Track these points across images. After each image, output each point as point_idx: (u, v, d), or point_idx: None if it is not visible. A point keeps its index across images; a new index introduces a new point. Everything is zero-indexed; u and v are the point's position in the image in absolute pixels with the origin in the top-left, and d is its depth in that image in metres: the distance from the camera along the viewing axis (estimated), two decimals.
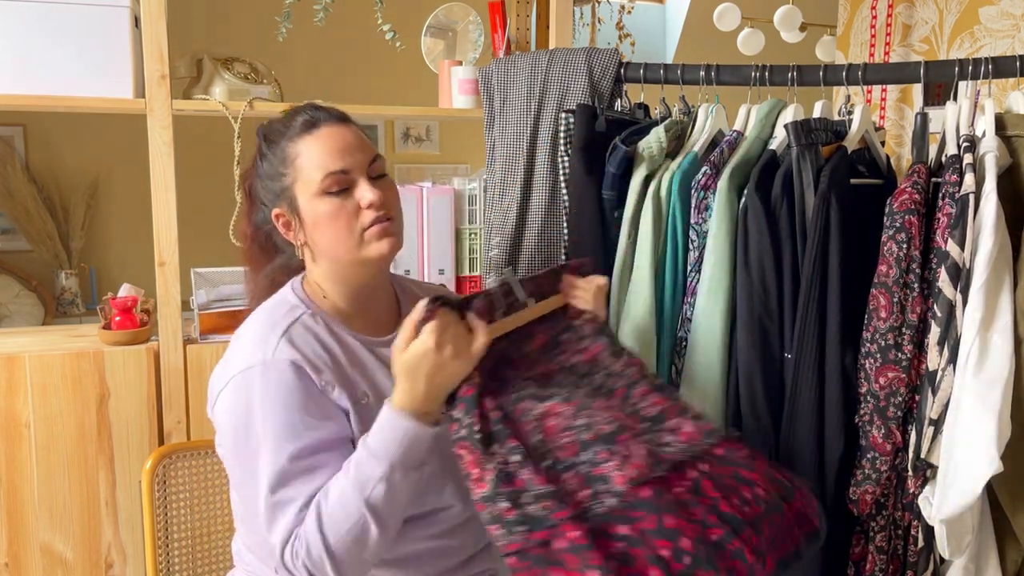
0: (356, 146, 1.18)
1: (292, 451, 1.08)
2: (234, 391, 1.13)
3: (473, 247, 1.97)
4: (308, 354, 1.14)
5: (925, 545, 1.38)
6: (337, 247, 1.18)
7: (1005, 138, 1.37)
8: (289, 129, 1.19)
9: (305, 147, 1.17)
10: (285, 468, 1.08)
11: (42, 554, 1.74)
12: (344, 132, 1.19)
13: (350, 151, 1.17)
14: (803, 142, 1.43)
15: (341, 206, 1.16)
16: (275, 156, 1.20)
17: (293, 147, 1.17)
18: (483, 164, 1.80)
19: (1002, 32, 2.10)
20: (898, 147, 2.39)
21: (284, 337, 1.14)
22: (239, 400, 1.12)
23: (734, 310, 1.45)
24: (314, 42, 3.06)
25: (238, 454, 1.13)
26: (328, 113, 1.20)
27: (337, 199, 1.16)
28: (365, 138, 1.22)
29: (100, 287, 2.98)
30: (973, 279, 1.26)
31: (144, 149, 1.74)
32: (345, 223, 1.16)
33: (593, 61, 1.67)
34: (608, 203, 1.56)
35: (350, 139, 1.18)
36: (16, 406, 1.69)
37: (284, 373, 1.11)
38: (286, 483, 1.08)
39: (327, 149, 1.16)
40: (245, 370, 1.12)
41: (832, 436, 1.39)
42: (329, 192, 1.16)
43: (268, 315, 1.20)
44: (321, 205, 1.16)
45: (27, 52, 1.69)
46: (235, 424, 1.12)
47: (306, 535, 1.05)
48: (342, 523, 1.04)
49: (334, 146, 1.16)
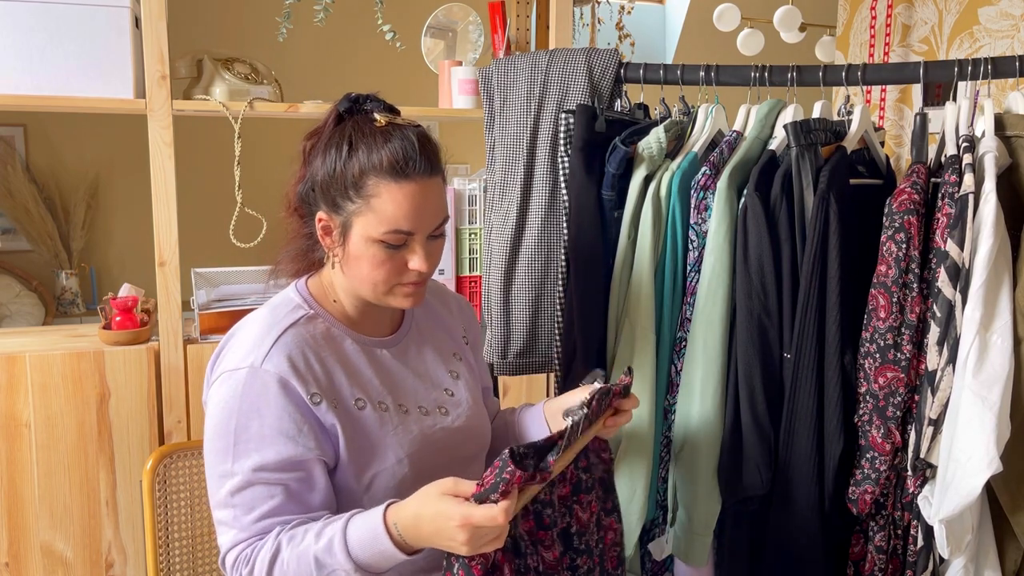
0: (431, 209, 1.14)
1: (258, 462, 1.10)
2: (219, 387, 1.14)
3: (473, 247, 1.97)
4: (299, 364, 1.13)
5: (924, 545, 1.39)
6: (364, 286, 1.17)
7: (1004, 138, 1.38)
8: (378, 156, 1.11)
9: (386, 191, 1.11)
10: (248, 477, 1.10)
11: (42, 554, 1.74)
12: (427, 192, 1.13)
13: (423, 214, 1.13)
14: (802, 142, 1.44)
15: (390, 258, 1.14)
16: (351, 171, 1.12)
17: (374, 183, 1.11)
18: (483, 164, 1.80)
19: (1001, 32, 2.10)
20: (897, 147, 2.40)
21: (278, 343, 1.14)
22: (222, 397, 1.13)
23: (733, 310, 1.45)
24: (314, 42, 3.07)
25: (211, 448, 1.14)
26: (424, 160, 1.13)
27: (389, 250, 1.14)
28: (443, 195, 1.18)
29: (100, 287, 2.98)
30: (972, 279, 1.26)
31: (144, 149, 1.74)
32: (385, 276, 1.15)
33: (593, 61, 1.68)
34: (608, 203, 1.56)
35: (431, 201, 1.14)
36: (16, 406, 1.69)
37: (268, 385, 1.11)
38: (244, 491, 1.11)
39: (405, 207, 1.11)
40: (234, 370, 1.13)
41: (831, 436, 1.39)
42: (385, 243, 1.13)
43: (270, 314, 1.20)
44: (372, 249, 1.14)
45: (27, 52, 1.69)
46: (215, 418, 1.14)
47: (255, 563, 1.08)
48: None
49: (412, 206, 1.12)
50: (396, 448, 1.17)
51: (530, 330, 1.70)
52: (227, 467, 1.11)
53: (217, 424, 1.13)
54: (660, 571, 1.61)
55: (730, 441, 1.43)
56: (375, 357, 1.23)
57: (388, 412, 1.19)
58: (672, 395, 1.53)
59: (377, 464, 1.16)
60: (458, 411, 1.27)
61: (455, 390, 1.30)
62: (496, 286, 1.72)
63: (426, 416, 1.23)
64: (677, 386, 1.51)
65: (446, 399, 1.27)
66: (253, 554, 1.10)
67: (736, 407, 1.43)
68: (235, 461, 1.11)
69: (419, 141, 1.13)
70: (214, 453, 1.13)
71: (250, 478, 1.10)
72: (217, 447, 1.13)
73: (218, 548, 1.16)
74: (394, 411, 1.20)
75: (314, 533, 1.07)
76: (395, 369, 1.24)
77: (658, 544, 1.55)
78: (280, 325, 1.16)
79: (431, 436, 1.22)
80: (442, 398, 1.27)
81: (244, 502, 1.11)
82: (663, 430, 1.54)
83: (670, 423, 1.53)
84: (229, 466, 1.11)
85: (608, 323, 1.56)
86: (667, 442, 1.54)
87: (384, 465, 1.17)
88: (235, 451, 1.11)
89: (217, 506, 1.14)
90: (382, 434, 1.17)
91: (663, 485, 1.56)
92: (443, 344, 1.34)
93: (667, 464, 1.55)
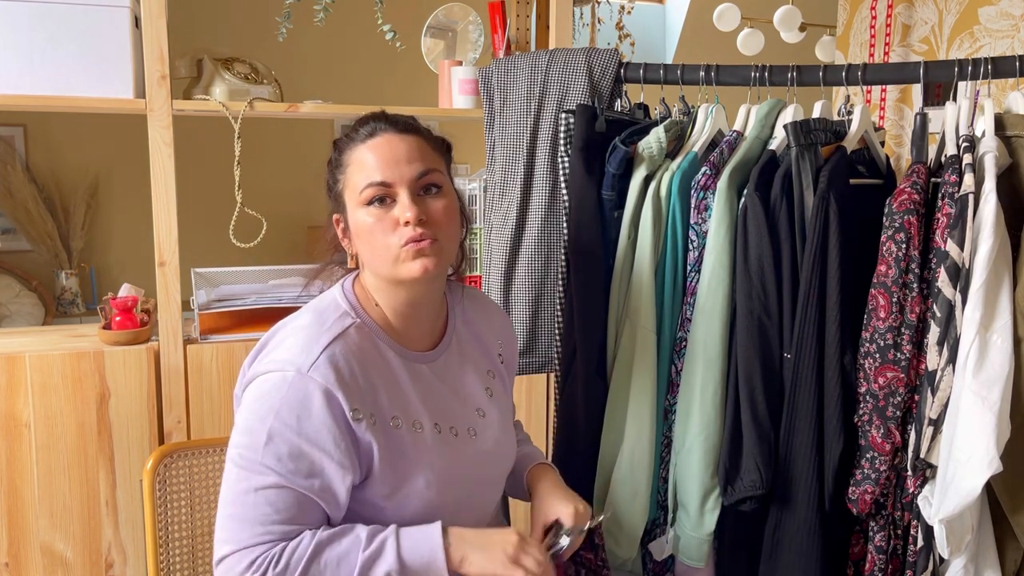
0: (406, 157, 1.15)
1: (290, 466, 1.08)
2: (262, 383, 1.11)
3: (473, 247, 1.97)
4: (346, 376, 1.11)
5: (924, 544, 1.39)
6: (374, 261, 1.16)
7: (1004, 138, 1.38)
8: (353, 138, 1.18)
9: (358, 155, 1.16)
10: (276, 479, 1.08)
11: (42, 554, 1.74)
12: (397, 142, 1.16)
13: (397, 163, 1.14)
14: (802, 142, 1.44)
15: (379, 219, 1.13)
16: (336, 163, 1.19)
17: (350, 154, 1.17)
18: (483, 164, 1.80)
19: (1001, 32, 2.10)
20: (898, 147, 2.40)
21: (328, 351, 1.11)
22: (264, 392, 1.10)
23: (733, 310, 1.45)
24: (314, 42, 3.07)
25: (241, 442, 1.11)
26: (390, 122, 1.18)
27: (378, 211, 1.14)
28: (426, 149, 1.18)
29: (100, 287, 2.98)
30: (972, 279, 1.26)
31: (144, 149, 1.74)
32: (381, 237, 1.13)
33: (593, 61, 1.68)
34: (608, 203, 1.56)
35: (401, 150, 1.15)
36: (16, 406, 1.69)
37: (313, 393, 1.09)
38: (270, 491, 1.08)
39: (374, 159, 1.14)
40: (281, 371, 1.10)
41: (831, 436, 1.39)
42: (370, 203, 1.14)
43: (319, 317, 1.17)
44: (362, 215, 1.15)
45: (27, 52, 1.69)
46: (254, 411, 1.11)
47: (288, 564, 1.07)
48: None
49: (381, 157, 1.14)
50: (427, 469, 1.16)
51: (530, 330, 1.71)
52: (255, 461, 1.08)
53: (252, 419, 1.10)
54: (661, 571, 1.61)
55: (730, 441, 1.43)
56: (416, 373, 1.21)
57: (422, 432, 1.17)
58: (672, 395, 1.53)
59: (407, 484, 1.15)
60: (487, 434, 1.26)
61: (487, 410, 1.28)
62: (496, 286, 1.72)
63: (456, 438, 1.21)
64: (677, 386, 1.51)
65: (477, 420, 1.26)
66: (282, 553, 1.06)
67: (736, 407, 1.43)
68: (265, 458, 1.07)
69: (390, 115, 1.19)
70: (244, 447, 1.10)
71: (278, 480, 1.07)
72: (248, 442, 1.09)
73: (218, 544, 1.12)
74: (428, 431, 1.18)
75: (353, 538, 1.09)
76: (434, 387, 1.22)
77: (659, 544, 1.55)
78: (330, 332, 1.14)
79: (460, 458, 1.21)
80: (474, 419, 1.25)
81: (269, 501, 1.08)
82: (663, 430, 1.54)
83: (670, 423, 1.53)
84: (258, 460, 1.08)
85: (608, 323, 1.56)
86: (667, 442, 1.54)
87: (414, 486, 1.15)
88: (266, 450, 1.07)
89: (234, 499, 1.09)
90: (415, 454, 1.16)
91: (663, 485, 1.56)
92: (480, 361, 1.32)
93: (667, 464, 1.55)
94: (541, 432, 2.15)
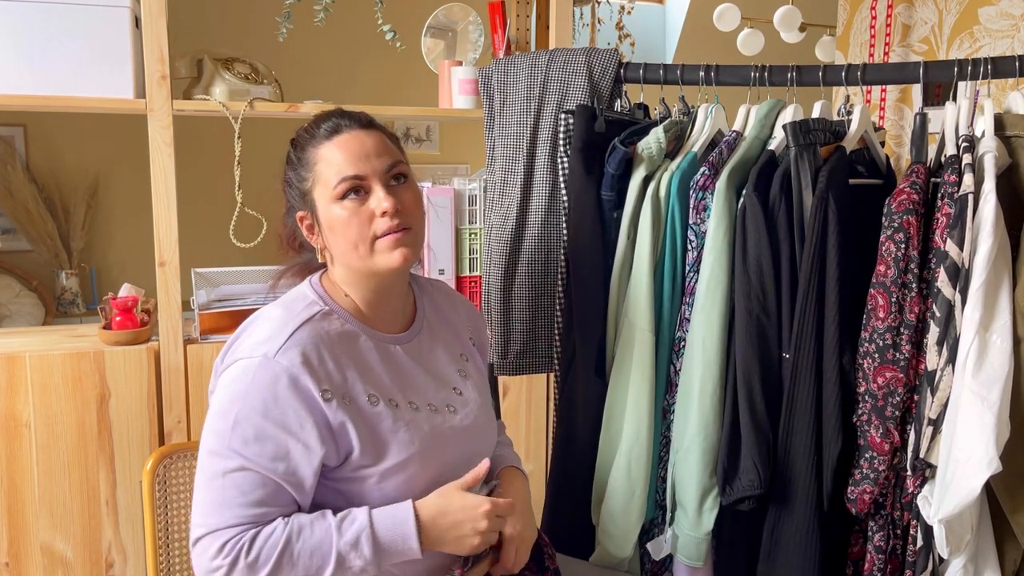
0: (374, 151, 1.19)
1: (255, 449, 1.10)
2: (230, 372, 1.15)
3: (473, 247, 1.97)
4: (312, 360, 1.14)
5: (924, 544, 1.39)
6: (350, 254, 1.19)
7: (1004, 138, 1.38)
8: (314, 135, 1.22)
9: (325, 152, 1.19)
10: (242, 462, 1.10)
11: (42, 554, 1.74)
12: (363, 137, 1.20)
13: (367, 157, 1.18)
14: (801, 142, 1.44)
15: (355, 212, 1.17)
16: (300, 161, 1.22)
17: (315, 152, 1.20)
18: (483, 164, 1.80)
19: (1001, 32, 2.10)
20: (897, 147, 2.40)
21: (295, 337, 1.14)
22: (231, 380, 1.14)
23: (732, 310, 1.45)
24: (314, 42, 3.07)
25: (210, 428, 1.14)
26: (352, 119, 1.22)
27: (352, 205, 1.17)
28: (388, 144, 1.23)
29: (100, 287, 2.98)
30: (972, 279, 1.26)
31: (144, 149, 1.74)
32: (357, 230, 1.17)
33: (593, 61, 1.68)
34: (607, 203, 1.56)
35: (369, 145, 1.19)
36: (16, 406, 1.69)
37: (279, 377, 1.12)
38: (236, 474, 1.11)
39: (344, 155, 1.18)
40: (247, 359, 1.14)
41: (830, 436, 1.39)
42: (344, 197, 1.17)
43: (284, 309, 1.20)
44: (336, 210, 1.18)
45: (28, 52, 1.69)
46: (220, 400, 1.14)
47: (259, 552, 1.09)
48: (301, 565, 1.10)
49: (351, 152, 1.18)
50: (408, 444, 1.18)
51: (530, 330, 1.71)
52: (223, 445, 1.11)
53: (221, 405, 1.13)
54: (659, 571, 1.61)
55: (728, 441, 1.43)
56: (388, 354, 1.24)
57: (399, 409, 1.20)
58: (671, 395, 1.53)
59: (388, 460, 1.17)
60: (466, 410, 1.29)
61: (463, 389, 1.31)
62: (496, 286, 1.72)
63: (436, 414, 1.24)
64: (676, 386, 1.51)
65: (455, 398, 1.29)
66: (253, 542, 1.09)
67: (735, 407, 1.43)
68: (232, 442, 1.10)
69: (348, 111, 1.24)
70: (213, 432, 1.13)
71: (243, 463, 1.10)
72: (217, 427, 1.13)
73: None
74: (405, 408, 1.21)
75: (325, 527, 1.11)
76: (407, 366, 1.25)
77: (657, 544, 1.55)
78: (296, 320, 1.17)
79: (440, 434, 1.23)
80: (451, 396, 1.28)
81: (236, 484, 1.10)
82: (662, 430, 1.54)
83: (669, 423, 1.53)
84: (225, 445, 1.11)
85: (607, 323, 1.56)
86: (666, 442, 1.54)
87: (395, 461, 1.17)
88: (233, 434, 1.10)
89: (205, 483, 1.12)
90: (394, 430, 1.18)
91: (662, 485, 1.56)
92: (451, 343, 1.35)
93: (666, 464, 1.55)
94: (541, 432, 2.15)
